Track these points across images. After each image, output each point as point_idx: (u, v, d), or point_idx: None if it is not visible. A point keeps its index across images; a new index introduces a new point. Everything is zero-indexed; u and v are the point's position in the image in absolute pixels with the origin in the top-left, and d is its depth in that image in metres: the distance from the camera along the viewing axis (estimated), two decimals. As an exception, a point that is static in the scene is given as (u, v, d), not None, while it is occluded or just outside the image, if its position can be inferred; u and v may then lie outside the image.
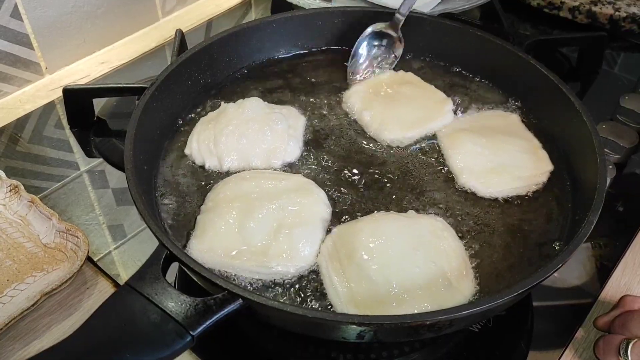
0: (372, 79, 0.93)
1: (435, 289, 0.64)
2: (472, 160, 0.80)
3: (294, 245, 0.68)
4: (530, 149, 0.82)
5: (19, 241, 0.78)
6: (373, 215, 0.73)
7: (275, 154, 0.80)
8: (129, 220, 0.84)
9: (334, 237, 0.69)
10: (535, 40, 1.00)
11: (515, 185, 0.77)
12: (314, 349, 0.70)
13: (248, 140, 0.80)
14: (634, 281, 0.78)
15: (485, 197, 0.77)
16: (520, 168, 0.79)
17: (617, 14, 1.19)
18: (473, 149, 0.81)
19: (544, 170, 0.79)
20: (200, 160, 0.80)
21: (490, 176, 0.78)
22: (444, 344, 0.72)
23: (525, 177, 0.78)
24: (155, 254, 0.60)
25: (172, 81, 0.84)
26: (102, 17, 1.12)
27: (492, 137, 0.83)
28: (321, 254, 0.68)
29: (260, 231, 0.69)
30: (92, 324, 0.54)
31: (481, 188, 0.77)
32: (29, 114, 1.02)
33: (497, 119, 0.87)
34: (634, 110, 0.97)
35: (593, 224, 0.65)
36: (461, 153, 0.81)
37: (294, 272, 0.67)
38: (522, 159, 0.80)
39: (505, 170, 0.78)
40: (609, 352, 0.65)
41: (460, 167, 0.79)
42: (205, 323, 0.55)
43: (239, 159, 0.80)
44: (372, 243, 0.66)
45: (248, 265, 0.66)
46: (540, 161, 0.80)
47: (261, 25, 0.95)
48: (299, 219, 0.70)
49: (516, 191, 0.77)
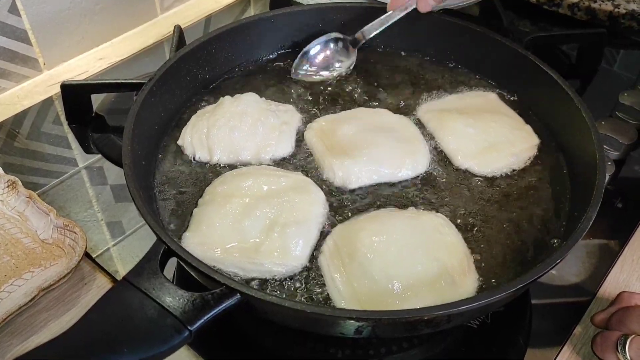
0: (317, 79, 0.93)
1: (438, 285, 0.64)
2: (464, 140, 0.82)
3: (287, 244, 0.67)
4: (515, 124, 0.85)
5: (16, 237, 0.78)
6: (374, 213, 0.73)
7: (266, 150, 0.80)
8: (127, 217, 0.84)
9: (334, 236, 0.69)
10: (534, 37, 1.00)
11: (510, 161, 0.80)
12: (313, 344, 0.70)
13: (240, 133, 0.80)
14: (632, 277, 0.78)
15: (482, 176, 0.79)
16: (511, 144, 0.81)
17: (616, 10, 1.19)
18: (464, 130, 0.83)
19: (533, 144, 0.82)
20: (191, 151, 0.80)
21: (485, 155, 0.80)
22: (442, 340, 0.72)
23: (517, 153, 0.81)
24: (153, 249, 0.60)
25: (171, 77, 0.84)
26: (100, 13, 1.12)
27: (478, 116, 0.85)
28: (322, 253, 0.68)
29: (253, 228, 0.68)
30: (90, 319, 0.54)
31: (477, 168, 0.80)
32: (27, 110, 1.01)
33: (477, 99, 0.90)
34: (633, 107, 0.97)
35: (592, 220, 0.65)
36: (452, 134, 0.82)
37: (283, 272, 0.66)
38: (511, 136, 0.82)
39: (498, 147, 0.81)
40: (606, 349, 0.65)
41: (454, 149, 0.81)
42: (203, 318, 0.55)
43: (228, 151, 0.79)
44: (374, 241, 0.66)
45: (238, 261, 0.66)
46: (528, 136, 0.83)
47: (260, 21, 0.94)
48: (293, 218, 0.69)
49: (510, 167, 0.80)
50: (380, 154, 0.78)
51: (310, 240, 0.69)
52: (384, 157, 0.78)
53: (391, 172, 0.78)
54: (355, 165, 0.77)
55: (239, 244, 0.67)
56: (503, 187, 0.78)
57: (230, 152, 0.80)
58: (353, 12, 0.97)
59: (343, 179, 0.76)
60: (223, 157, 0.80)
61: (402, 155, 0.79)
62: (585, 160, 0.74)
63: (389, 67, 0.97)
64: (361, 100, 0.91)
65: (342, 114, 0.86)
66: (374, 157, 0.78)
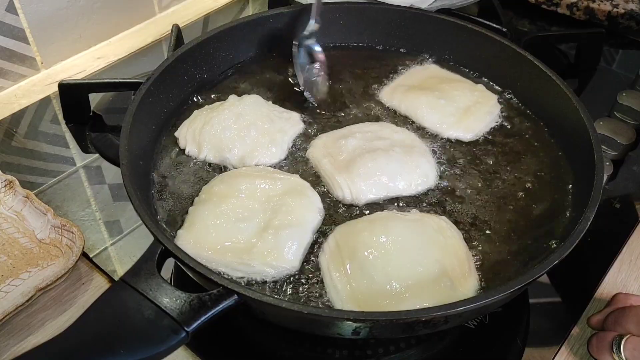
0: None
1: (438, 287, 0.64)
2: (441, 112, 0.85)
3: (279, 246, 0.67)
4: (471, 87, 0.90)
5: (13, 236, 0.78)
6: (376, 214, 0.72)
7: (252, 154, 0.79)
8: (125, 216, 0.84)
9: (336, 236, 0.69)
10: (533, 37, 1.00)
11: (488, 120, 0.85)
12: (311, 345, 0.70)
13: (231, 133, 0.79)
14: (630, 278, 0.78)
15: (471, 142, 0.84)
16: (480, 104, 0.86)
17: (615, 10, 1.19)
18: (437, 102, 0.86)
19: (495, 99, 0.88)
20: (183, 144, 0.81)
21: (465, 121, 0.85)
22: (440, 341, 0.72)
23: (489, 111, 0.86)
24: (150, 249, 0.60)
25: (168, 76, 0.83)
26: (98, 12, 1.12)
27: (439, 86, 0.89)
28: (322, 252, 0.68)
29: (247, 229, 0.68)
30: (86, 320, 0.54)
31: (465, 134, 0.84)
32: (24, 109, 1.01)
33: (424, 72, 0.94)
34: (631, 107, 0.97)
35: (590, 220, 0.65)
36: (429, 110, 0.86)
37: (273, 274, 0.66)
38: (474, 97, 0.87)
39: (472, 110, 0.85)
40: (602, 349, 0.64)
41: (436, 122, 0.85)
42: (200, 319, 0.55)
43: (215, 150, 0.79)
44: (375, 242, 0.66)
45: (229, 261, 0.66)
46: (487, 93, 0.89)
47: (258, 20, 0.94)
48: (288, 221, 0.69)
49: (489, 126, 0.85)
50: (389, 168, 0.76)
51: (303, 244, 0.68)
52: (392, 172, 0.76)
53: (401, 186, 0.76)
54: (363, 182, 0.75)
55: (231, 244, 0.67)
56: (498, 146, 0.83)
57: (217, 151, 0.79)
58: (354, 12, 0.97)
59: (352, 196, 0.75)
60: (210, 155, 0.79)
61: (410, 169, 0.77)
62: (584, 161, 0.74)
63: (387, 65, 0.97)
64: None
65: (344, 129, 0.84)
66: (383, 172, 0.76)
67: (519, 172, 0.80)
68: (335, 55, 0.98)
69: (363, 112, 0.89)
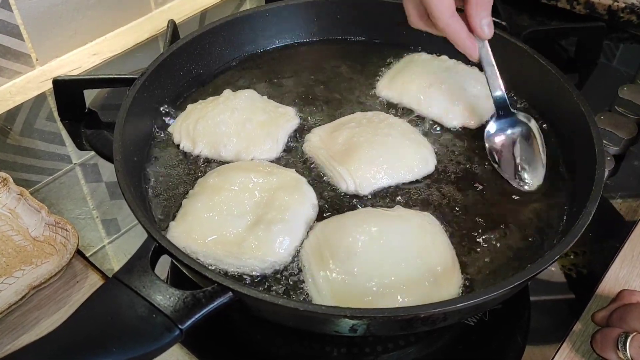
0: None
1: (421, 284, 0.63)
2: (445, 102, 0.84)
3: (271, 241, 0.66)
4: (465, 70, 0.88)
5: (7, 234, 0.77)
6: (358, 210, 0.72)
7: (247, 149, 0.78)
8: (122, 214, 0.83)
9: (317, 233, 0.68)
10: (533, 31, 0.99)
11: (489, 104, 0.82)
12: (308, 342, 0.70)
13: (226, 128, 0.78)
14: (632, 274, 0.77)
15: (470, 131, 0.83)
16: (477, 89, 0.85)
17: (615, 4, 1.18)
18: (439, 91, 0.85)
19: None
20: (178, 139, 0.80)
21: (471, 107, 0.84)
22: (440, 338, 0.71)
23: (488, 94, 0.81)
24: (143, 246, 0.59)
25: (163, 72, 0.83)
26: (93, 8, 1.11)
27: (437, 75, 0.87)
28: (303, 248, 0.67)
29: (239, 223, 0.67)
30: (78, 318, 0.53)
31: (469, 121, 0.84)
32: (19, 106, 1.00)
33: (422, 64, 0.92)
34: (632, 102, 0.96)
35: (591, 215, 0.64)
36: (433, 100, 0.85)
37: (263, 267, 0.65)
38: (470, 81, 0.86)
39: (473, 95, 0.85)
40: (606, 346, 0.64)
41: (443, 112, 0.84)
42: (194, 317, 0.54)
43: (210, 146, 0.78)
44: (357, 239, 0.65)
45: (218, 254, 0.65)
46: (479, 75, 0.87)
47: (255, 15, 0.93)
48: (281, 216, 0.68)
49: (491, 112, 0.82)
50: (388, 155, 0.76)
51: (295, 239, 0.67)
52: (392, 158, 0.76)
53: (402, 172, 0.76)
54: (365, 170, 0.74)
55: (222, 237, 0.66)
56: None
57: (212, 146, 0.78)
58: (351, 5, 0.96)
59: (356, 185, 0.74)
60: (205, 150, 0.78)
61: (410, 154, 0.77)
62: (584, 155, 0.73)
63: (383, 58, 0.96)
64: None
65: (337, 121, 0.83)
66: (383, 160, 0.75)
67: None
68: (332, 49, 0.97)
69: (359, 105, 0.88)
